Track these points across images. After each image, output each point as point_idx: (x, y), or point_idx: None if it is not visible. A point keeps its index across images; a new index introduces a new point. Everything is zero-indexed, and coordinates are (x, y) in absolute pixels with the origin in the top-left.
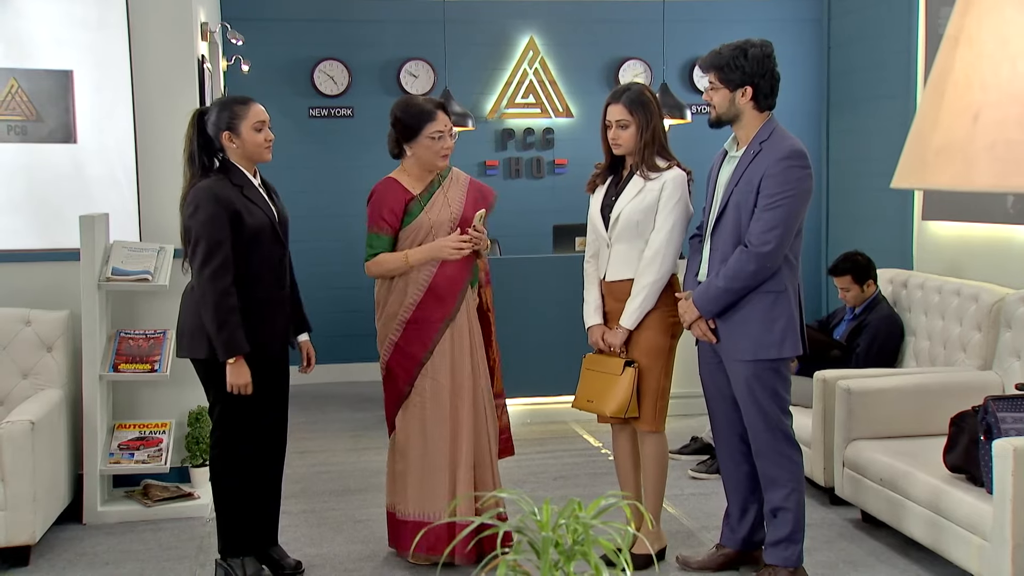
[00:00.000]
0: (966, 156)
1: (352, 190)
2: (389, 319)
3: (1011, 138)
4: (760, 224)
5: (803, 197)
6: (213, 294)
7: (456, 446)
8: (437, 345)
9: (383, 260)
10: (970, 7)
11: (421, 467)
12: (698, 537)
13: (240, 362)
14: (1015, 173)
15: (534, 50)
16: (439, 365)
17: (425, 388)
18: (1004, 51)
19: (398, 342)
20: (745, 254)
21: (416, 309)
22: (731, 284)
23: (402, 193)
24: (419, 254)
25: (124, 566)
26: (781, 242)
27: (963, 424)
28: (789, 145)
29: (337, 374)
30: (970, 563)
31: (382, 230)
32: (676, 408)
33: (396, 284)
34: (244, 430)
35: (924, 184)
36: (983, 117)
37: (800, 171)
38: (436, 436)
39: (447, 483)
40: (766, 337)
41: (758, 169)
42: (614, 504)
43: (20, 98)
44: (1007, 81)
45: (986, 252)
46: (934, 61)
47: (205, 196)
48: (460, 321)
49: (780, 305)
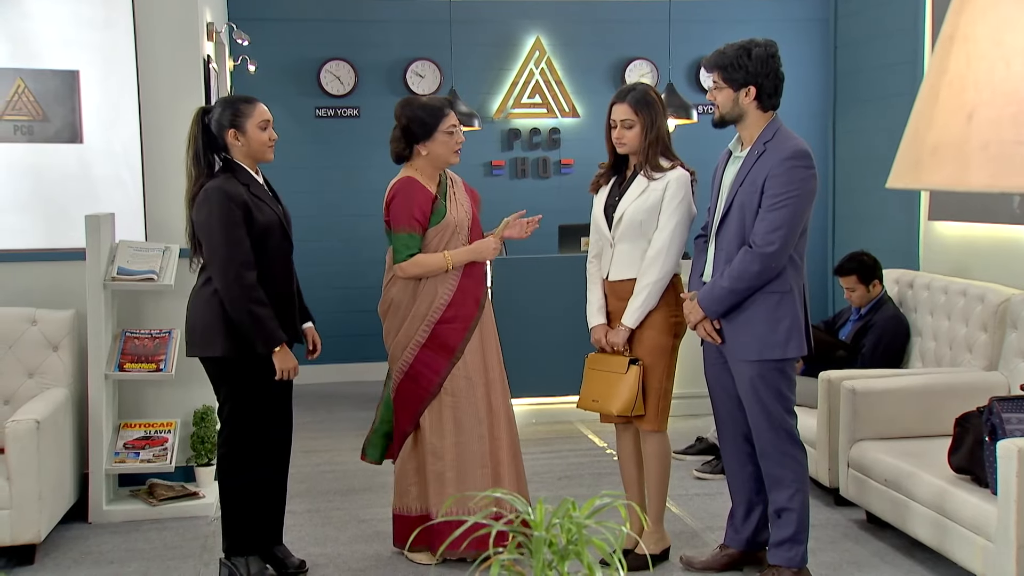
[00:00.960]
0: (961, 156)
1: (358, 190)
2: (415, 320)
3: (1005, 138)
4: (764, 224)
5: (807, 197)
6: (242, 292)
7: (496, 443)
8: (467, 344)
9: (423, 261)
10: (965, 6)
11: (460, 467)
12: (702, 537)
13: (283, 348)
14: (1009, 173)
15: (540, 50)
16: (472, 364)
17: (460, 388)
18: (998, 50)
19: (426, 343)
20: (749, 254)
21: (448, 308)
22: (736, 285)
23: (427, 192)
24: (461, 255)
25: (129, 565)
26: (785, 242)
27: (968, 425)
28: (793, 145)
29: (343, 374)
30: (974, 564)
31: (415, 229)
32: (681, 408)
33: (423, 286)
34: (252, 429)
35: (919, 184)
36: (977, 116)
37: (804, 171)
38: (474, 435)
39: (488, 481)
40: (771, 337)
41: (762, 169)
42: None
43: (27, 98)
44: (1001, 80)
45: (992, 252)
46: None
47: (218, 196)
48: (486, 320)
49: (785, 305)
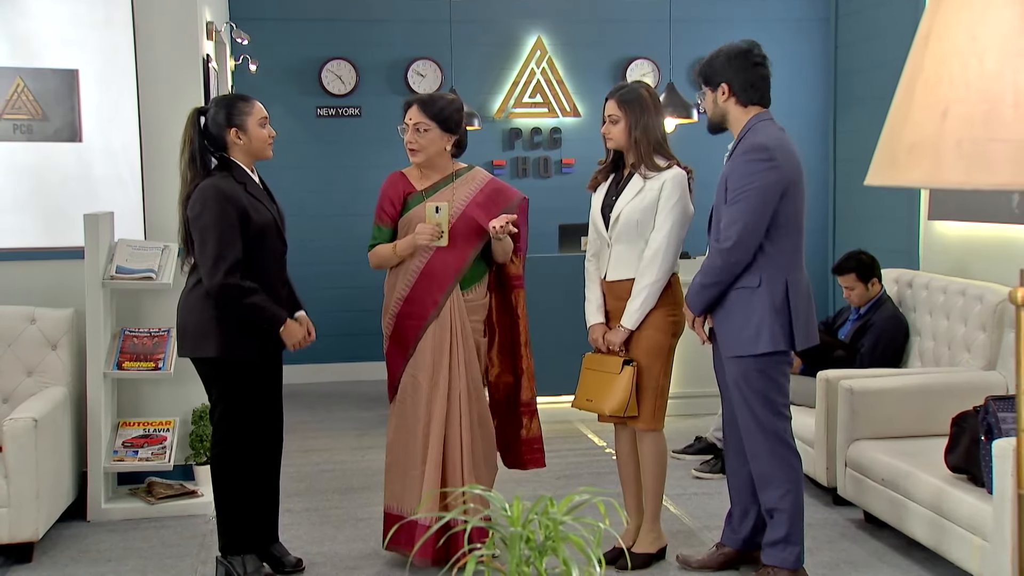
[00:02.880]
0: (935, 153)
1: (359, 189)
2: (385, 312)
3: (978, 135)
4: (725, 219)
5: (767, 190)
6: (231, 292)
7: (424, 444)
8: (419, 343)
9: (378, 251)
10: (940, 5)
11: (403, 463)
12: (699, 537)
13: (287, 324)
14: (981, 170)
15: (541, 50)
16: (420, 363)
17: (407, 385)
18: (972, 48)
19: (391, 335)
20: (712, 250)
21: (403, 304)
22: (704, 279)
23: (403, 186)
24: (402, 243)
25: (126, 563)
26: (742, 237)
27: (964, 424)
28: (754, 140)
29: (343, 373)
30: (971, 564)
31: (382, 222)
32: (681, 408)
33: (388, 278)
34: (245, 429)
35: (896, 181)
36: (952, 114)
37: (758, 164)
38: (415, 433)
39: (418, 480)
40: (743, 332)
41: (731, 166)
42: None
43: (26, 97)
44: (975, 77)
45: (992, 252)
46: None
47: (213, 194)
48: (444, 319)
49: (755, 300)
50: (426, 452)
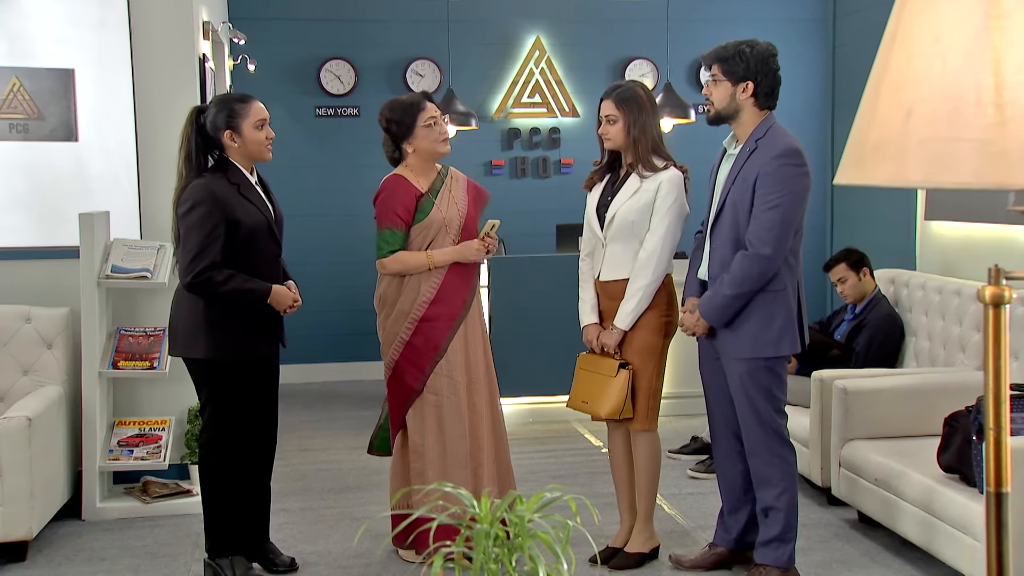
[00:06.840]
0: (900, 152)
1: (358, 189)
2: (400, 317)
3: (941, 135)
4: (758, 225)
5: (800, 196)
6: (208, 283)
7: (477, 443)
8: (451, 343)
9: (404, 259)
10: (906, 5)
11: (441, 466)
12: (693, 536)
13: (273, 291)
14: (943, 170)
15: (540, 50)
16: (454, 363)
17: (442, 387)
18: (935, 48)
19: (409, 340)
20: (747, 258)
21: (430, 306)
22: (739, 290)
23: (412, 189)
24: (444, 256)
25: (120, 562)
26: (780, 243)
27: (956, 424)
28: (784, 143)
29: (342, 373)
30: (961, 563)
31: (396, 226)
32: (676, 408)
33: (408, 282)
34: (234, 431)
35: (863, 180)
36: (916, 114)
37: (794, 169)
38: (455, 434)
39: (469, 480)
40: (764, 335)
41: (753, 167)
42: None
43: (22, 96)
44: (939, 76)
45: (987, 252)
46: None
47: (201, 194)
48: (472, 319)
49: (778, 303)
50: (475, 452)
